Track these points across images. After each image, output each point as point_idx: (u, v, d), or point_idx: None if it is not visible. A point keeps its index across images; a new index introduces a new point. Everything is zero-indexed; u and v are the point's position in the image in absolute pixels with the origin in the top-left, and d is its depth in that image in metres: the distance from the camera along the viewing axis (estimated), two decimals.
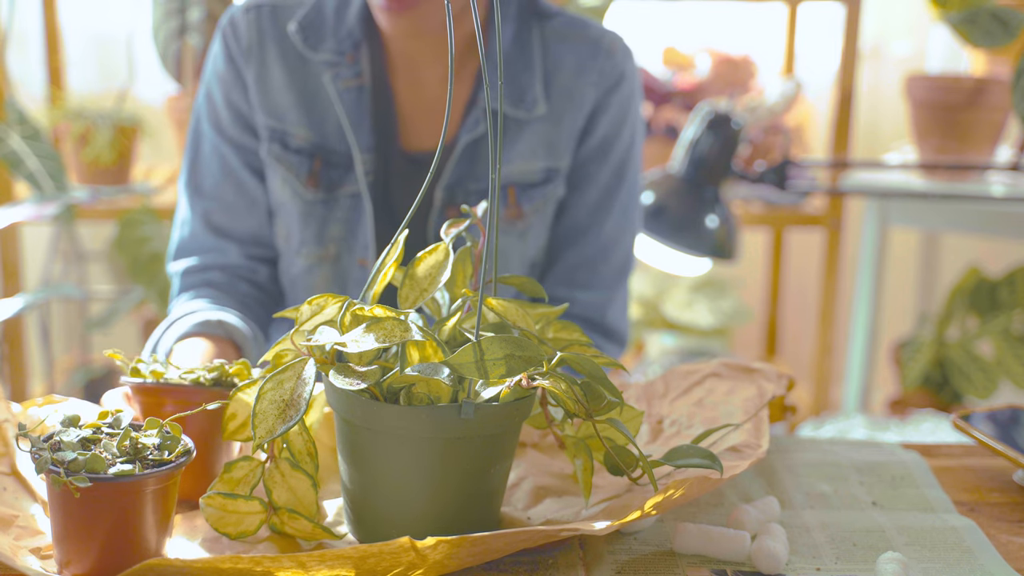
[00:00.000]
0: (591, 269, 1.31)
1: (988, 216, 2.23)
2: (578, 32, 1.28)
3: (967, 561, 0.83)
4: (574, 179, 1.29)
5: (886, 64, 2.90)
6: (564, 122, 1.26)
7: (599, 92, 1.27)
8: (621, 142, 1.29)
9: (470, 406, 0.77)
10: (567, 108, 1.26)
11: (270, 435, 0.78)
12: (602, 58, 1.27)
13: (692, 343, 2.75)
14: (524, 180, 1.26)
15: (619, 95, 1.28)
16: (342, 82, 1.23)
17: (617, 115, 1.28)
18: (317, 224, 1.26)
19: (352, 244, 1.26)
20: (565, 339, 0.91)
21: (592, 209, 1.30)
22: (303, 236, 1.26)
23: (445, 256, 0.85)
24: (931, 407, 2.44)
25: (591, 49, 1.27)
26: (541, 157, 1.26)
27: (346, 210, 1.25)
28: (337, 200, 1.25)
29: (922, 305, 2.87)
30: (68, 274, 2.53)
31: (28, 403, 0.96)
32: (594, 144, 1.28)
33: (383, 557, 0.72)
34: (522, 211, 1.26)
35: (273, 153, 1.26)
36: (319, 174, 1.25)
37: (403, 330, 0.78)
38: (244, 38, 1.26)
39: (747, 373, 1.05)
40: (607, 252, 1.31)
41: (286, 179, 1.26)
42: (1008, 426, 1.01)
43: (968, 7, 1.95)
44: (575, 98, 1.26)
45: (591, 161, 1.29)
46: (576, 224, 1.30)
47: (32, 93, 2.58)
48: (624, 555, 0.83)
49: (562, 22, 1.28)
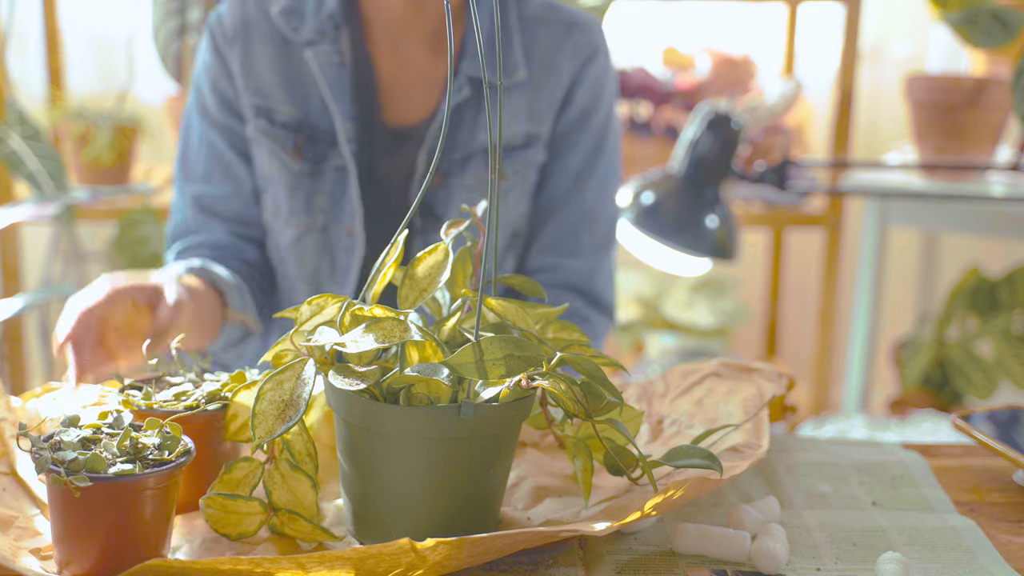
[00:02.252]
0: (575, 236, 1.35)
1: (988, 216, 2.22)
2: (553, 14, 1.35)
3: (967, 561, 0.83)
4: (555, 147, 1.34)
5: (886, 64, 2.90)
6: (543, 90, 1.32)
7: (575, 64, 1.33)
8: (599, 113, 1.35)
9: (470, 406, 0.77)
10: (546, 78, 1.32)
11: (269, 435, 0.78)
12: (576, 33, 1.34)
13: (692, 343, 2.75)
14: (506, 144, 1.31)
15: (595, 67, 1.34)
16: (324, 57, 1.28)
17: (594, 86, 1.34)
18: (304, 195, 1.30)
19: (339, 214, 1.30)
20: (565, 339, 0.91)
21: (573, 177, 1.35)
22: (291, 206, 1.30)
23: (445, 256, 0.85)
24: (931, 407, 2.44)
25: (566, 27, 1.34)
26: (522, 122, 1.31)
27: (331, 182, 1.30)
28: (323, 173, 1.30)
29: (922, 305, 2.87)
30: (68, 274, 2.53)
31: (27, 395, 0.96)
32: (573, 114, 1.34)
33: (382, 558, 0.72)
34: (505, 173, 1.32)
35: (260, 128, 1.30)
36: (303, 148, 1.29)
37: (402, 330, 0.78)
38: (229, 26, 1.31)
39: (747, 373, 1.05)
40: (589, 220, 1.36)
41: (273, 152, 1.30)
42: (1008, 426, 1.01)
43: (968, 7, 1.95)
44: (553, 69, 1.32)
45: (571, 130, 1.34)
46: (558, 191, 1.35)
47: (32, 93, 2.58)
48: (624, 555, 0.83)
49: (538, 6, 1.35)
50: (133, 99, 2.52)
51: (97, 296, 1.01)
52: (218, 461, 0.89)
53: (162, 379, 0.93)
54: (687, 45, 2.68)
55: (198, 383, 0.92)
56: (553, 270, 1.34)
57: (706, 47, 2.61)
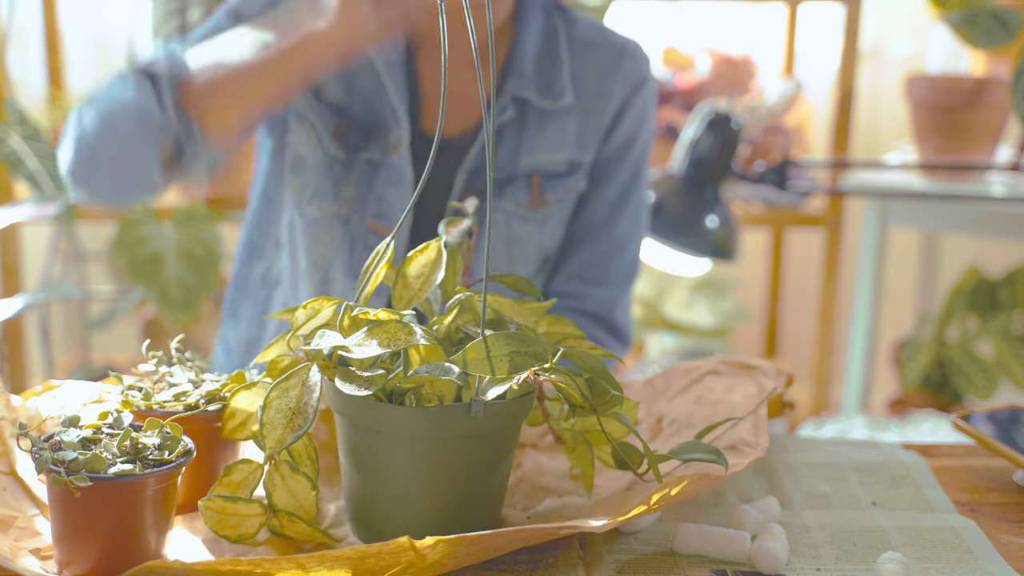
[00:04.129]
0: (604, 266, 1.33)
1: (988, 216, 2.23)
2: (603, 37, 1.32)
3: (967, 561, 0.83)
4: (596, 175, 1.32)
5: (886, 64, 2.90)
6: (591, 117, 1.29)
7: (625, 91, 1.30)
8: (640, 143, 1.33)
9: (480, 404, 0.77)
10: (595, 104, 1.29)
11: (281, 445, 0.77)
12: (628, 60, 1.31)
13: (692, 343, 2.75)
14: (549, 169, 1.28)
15: (642, 96, 1.32)
16: (385, 55, 1.25)
17: (639, 116, 1.32)
18: (333, 181, 1.26)
19: (363, 208, 1.26)
20: (558, 333, 0.91)
21: (611, 206, 1.32)
22: (319, 186, 1.27)
23: (438, 255, 0.84)
24: (931, 407, 2.44)
25: (616, 52, 1.31)
26: (567, 149, 1.29)
27: (361, 174, 1.26)
28: (355, 163, 1.26)
29: (922, 305, 2.87)
30: (68, 274, 2.53)
31: (28, 393, 0.96)
32: (618, 142, 1.31)
33: (382, 557, 0.72)
34: (545, 199, 1.28)
35: (305, 99, 1.26)
36: (344, 134, 1.26)
37: (407, 333, 0.78)
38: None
39: (746, 370, 1.05)
40: (620, 250, 1.34)
41: (313, 128, 1.26)
42: (1008, 426, 1.01)
43: (968, 7, 1.95)
44: (603, 95, 1.29)
45: (614, 159, 1.31)
46: (594, 220, 1.33)
47: (32, 93, 2.58)
48: (624, 555, 0.83)
49: (586, 27, 1.32)
50: None
51: None
52: (218, 461, 0.89)
53: (162, 378, 0.93)
54: (687, 45, 2.68)
55: (198, 383, 0.92)
56: (577, 297, 1.32)
57: (706, 47, 2.61)
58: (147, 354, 0.93)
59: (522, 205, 1.27)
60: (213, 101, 1.11)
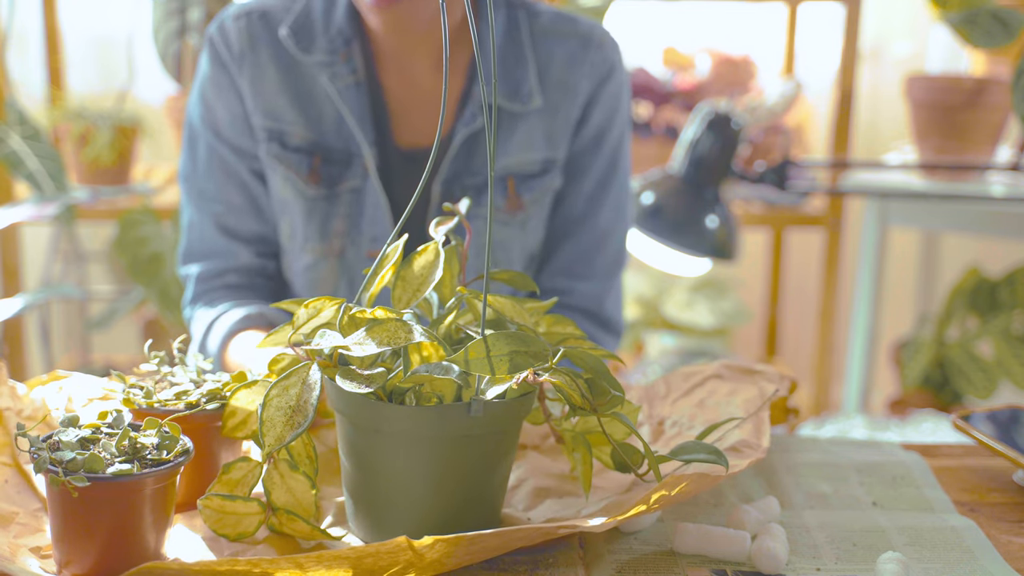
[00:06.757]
0: (588, 260, 1.33)
1: (988, 216, 2.22)
2: (567, 27, 1.30)
3: (967, 561, 0.83)
4: (570, 169, 1.31)
5: (886, 64, 2.90)
6: (560, 113, 1.28)
7: (592, 83, 1.29)
8: (613, 133, 1.31)
9: (480, 403, 0.77)
10: (562, 99, 1.28)
11: (280, 443, 0.77)
12: (593, 50, 1.29)
13: (692, 343, 2.74)
14: (523, 171, 1.28)
15: (611, 86, 1.30)
16: (340, 80, 1.24)
17: (609, 106, 1.30)
18: (320, 220, 1.27)
19: (356, 238, 1.27)
20: (559, 333, 0.91)
21: (588, 199, 1.32)
22: (307, 232, 1.27)
23: (436, 256, 0.85)
24: (931, 407, 2.44)
25: (581, 42, 1.29)
26: (539, 148, 1.28)
27: (347, 205, 1.26)
28: (339, 195, 1.26)
29: (922, 305, 2.87)
30: (68, 274, 2.53)
31: (33, 381, 0.96)
32: (589, 135, 1.30)
33: (380, 557, 0.72)
34: (522, 201, 1.28)
35: (272, 153, 1.26)
36: (319, 170, 1.26)
37: (407, 332, 0.78)
38: (236, 44, 1.26)
39: (749, 375, 1.05)
40: (602, 242, 1.33)
41: (287, 177, 1.26)
42: (1008, 426, 1.01)
43: (968, 7, 1.95)
44: (569, 89, 1.28)
45: (586, 152, 1.31)
46: (572, 215, 1.32)
47: (32, 93, 2.58)
48: (624, 555, 0.83)
49: (550, 18, 1.30)
50: (133, 99, 2.52)
51: None
52: (217, 460, 0.89)
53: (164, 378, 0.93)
54: (687, 45, 2.68)
55: (199, 382, 0.92)
56: (565, 293, 1.32)
57: (706, 47, 2.61)
58: (149, 354, 0.93)
59: (500, 210, 1.26)
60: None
